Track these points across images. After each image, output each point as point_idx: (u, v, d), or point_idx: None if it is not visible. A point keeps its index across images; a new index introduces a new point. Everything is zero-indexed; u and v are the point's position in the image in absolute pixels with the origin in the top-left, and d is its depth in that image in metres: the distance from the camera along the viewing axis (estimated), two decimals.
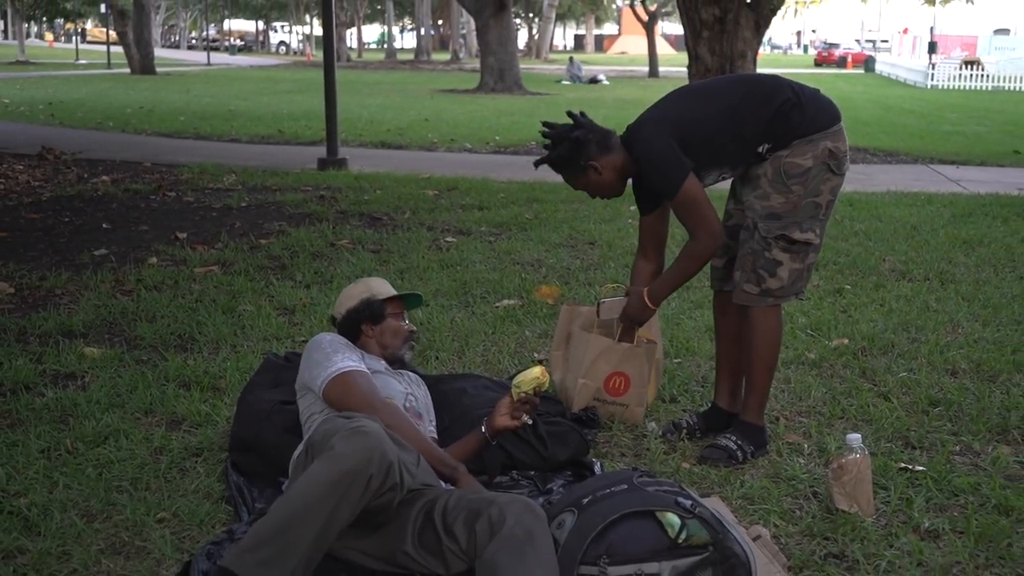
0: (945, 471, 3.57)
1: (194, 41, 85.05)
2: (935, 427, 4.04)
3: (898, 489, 3.43)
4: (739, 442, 3.74)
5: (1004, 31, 44.25)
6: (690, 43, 14.25)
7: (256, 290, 6.05)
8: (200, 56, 57.35)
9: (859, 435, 3.29)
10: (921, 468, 3.60)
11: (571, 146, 3.73)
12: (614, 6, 76.57)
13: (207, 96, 25.18)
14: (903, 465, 3.63)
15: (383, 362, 3.52)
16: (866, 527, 3.17)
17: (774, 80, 3.72)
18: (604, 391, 4.06)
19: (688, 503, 2.67)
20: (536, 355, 4.88)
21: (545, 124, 3.80)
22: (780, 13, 17.51)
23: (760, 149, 3.64)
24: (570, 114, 3.83)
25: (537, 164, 3.85)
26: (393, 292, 3.63)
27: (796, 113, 3.63)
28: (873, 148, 15.12)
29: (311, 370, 3.27)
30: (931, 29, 45.69)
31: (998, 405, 4.26)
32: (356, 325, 3.52)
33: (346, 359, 3.26)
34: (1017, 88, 36.67)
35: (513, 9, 33.17)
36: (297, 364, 3.99)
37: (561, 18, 79.13)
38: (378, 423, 2.78)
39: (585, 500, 2.72)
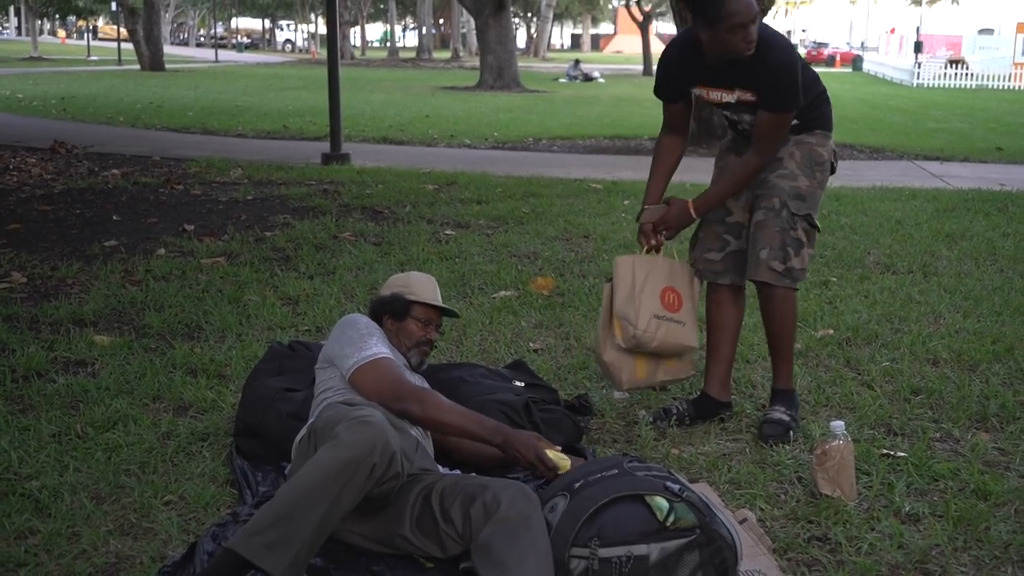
0: (926, 457, 3.68)
1: (202, 39, 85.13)
2: (916, 415, 4.15)
3: (880, 474, 3.54)
4: (789, 412, 3.92)
5: (988, 31, 44.40)
6: None
7: (261, 281, 6.16)
8: (208, 53, 57.44)
9: (842, 422, 3.40)
10: (903, 454, 3.71)
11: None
12: (610, 6, 76.66)
13: (215, 92, 25.29)
14: (885, 451, 3.74)
15: (402, 357, 3.50)
16: (848, 511, 3.27)
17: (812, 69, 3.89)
18: (662, 306, 3.93)
19: (676, 487, 2.76)
20: (531, 344, 5.00)
21: None
22: (771, 13, 17.65)
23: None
24: None
25: None
26: (428, 298, 3.51)
27: (825, 106, 3.87)
28: (860, 145, 15.25)
29: (343, 347, 3.24)
30: (917, 29, 45.82)
31: (977, 393, 4.37)
32: (379, 315, 3.48)
33: (379, 344, 3.24)
34: (1000, 87, 37.01)
35: (512, 9, 33.31)
36: (301, 353, 4.10)
37: (559, 17, 79.15)
38: (381, 413, 2.87)
39: (577, 484, 2.80)
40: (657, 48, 56.49)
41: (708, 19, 3.58)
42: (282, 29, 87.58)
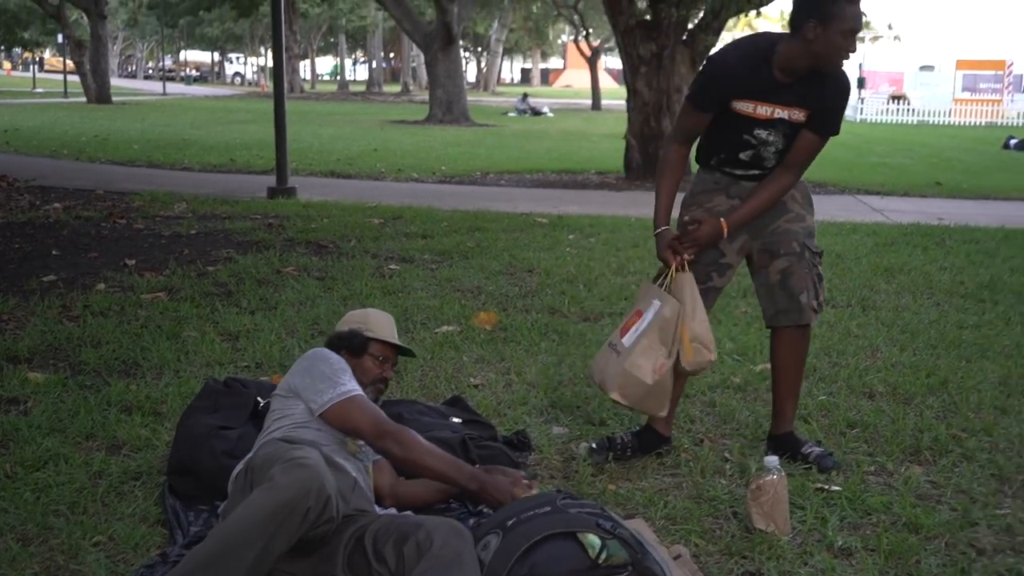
0: (859, 491, 3.71)
1: (151, 71, 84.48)
2: (852, 448, 4.19)
3: (814, 508, 3.56)
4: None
5: (929, 68, 45.34)
6: (628, 78, 14.56)
7: (201, 316, 6.10)
8: (156, 86, 56.98)
9: (776, 457, 3.43)
10: (837, 488, 3.74)
11: None
12: (559, 41, 77.00)
13: (161, 125, 25.09)
14: (820, 485, 3.77)
15: None
16: (782, 546, 3.29)
17: None
18: (619, 329, 3.91)
19: (608, 524, 2.77)
20: (472, 379, 4.99)
21: None
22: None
23: None
24: None
25: None
26: (386, 335, 3.52)
27: None
28: (803, 180, 15.43)
29: (315, 382, 3.21)
30: (859, 66, 46.56)
31: (912, 427, 4.42)
32: (337, 350, 3.44)
33: (352, 381, 3.24)
34: (941, 122, 37.88)
35: (462, 43, 33.53)
36: (236, 390, 4.06)
37: (508, 52, 79.52)
38: (319, 453, 2.86)
39: (510, 522, 2.80)
40: (606, 83, 57.03)
41: (824, 16, 3.59)
42: (231, 62, 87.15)
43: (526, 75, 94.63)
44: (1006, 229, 10.20)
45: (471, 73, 73.90)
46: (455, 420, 3.98)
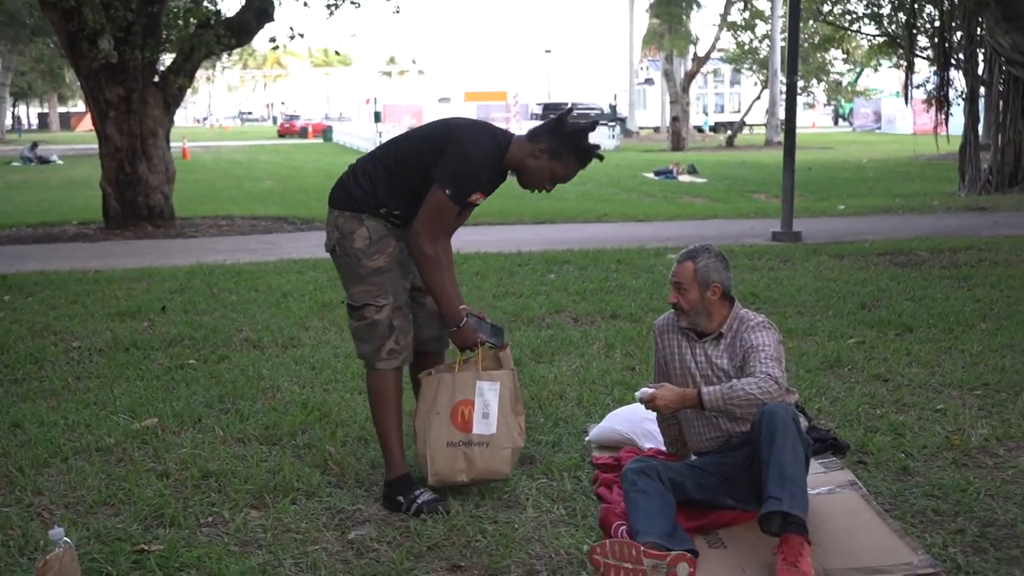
0: (181, 545, 3.63)
1: None
2: (197, 500, 4.09)
3: (121, 573, 3.45)
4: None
5: (446, 99, 48.18)
6: (98, 123, 13.95)
7: None
8: None
9: (63, 529, 3.24)
10: (159, 547, 3.63)
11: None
12: (79, 83, 72.76)
13: None
14: (142, 547, 3.64)
15: None
16: None
17: None
18: (453, 427, 4.07)
19: None
20: None
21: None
22: (251, 86, 17.93)
23: None
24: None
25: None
26: None
27: None
28: (292, 217, 15.63)
29: None
30: (375, 99, 48.32)
31: (267, 468, 4.41)
32: None
33: None
34: None
35: None
36: None
37: (22, 96, 74.19)
38: None
39: None
40: None
41: (555, 152, 3.97)
42: None
43: (44, 120, 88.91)
44: (482, 254, 10.64)
45: None
46: None
